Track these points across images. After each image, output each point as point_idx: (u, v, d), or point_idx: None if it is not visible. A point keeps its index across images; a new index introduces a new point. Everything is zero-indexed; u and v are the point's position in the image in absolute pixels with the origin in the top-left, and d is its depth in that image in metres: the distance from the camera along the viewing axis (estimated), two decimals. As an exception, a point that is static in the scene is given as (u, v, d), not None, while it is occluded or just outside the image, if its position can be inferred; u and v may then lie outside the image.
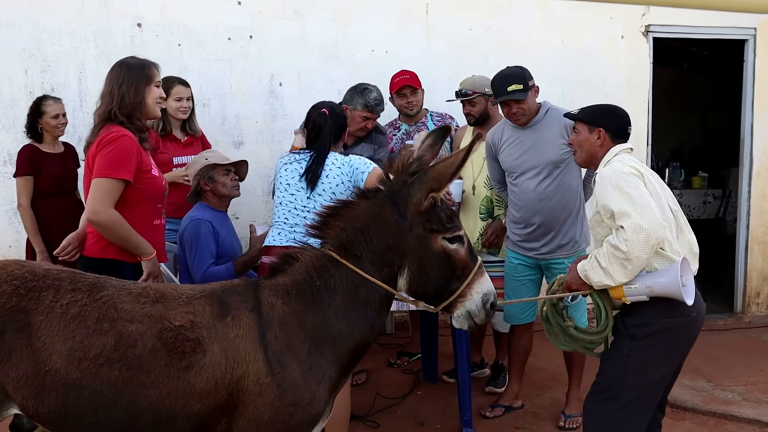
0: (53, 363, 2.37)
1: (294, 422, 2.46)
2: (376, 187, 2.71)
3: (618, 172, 2.94)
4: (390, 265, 2.61)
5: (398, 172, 2.68)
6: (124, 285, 2.60)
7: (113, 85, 3.32)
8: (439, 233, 2.60)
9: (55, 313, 2.42)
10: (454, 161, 2.58)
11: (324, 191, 3.47)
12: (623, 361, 3.04)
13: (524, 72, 4.11)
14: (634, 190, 2.87)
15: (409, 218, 2.59)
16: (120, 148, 3.21)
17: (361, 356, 2.72)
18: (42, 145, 4.82)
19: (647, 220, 2.80)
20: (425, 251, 2.60)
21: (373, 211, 2.62)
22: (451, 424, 4.32)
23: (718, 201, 8.64)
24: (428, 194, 2.59)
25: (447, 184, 2.62)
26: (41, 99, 4.80)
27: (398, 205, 2.60)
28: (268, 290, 2.57)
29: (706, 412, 4.54)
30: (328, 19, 5.59)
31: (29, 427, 2.87)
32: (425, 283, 2.63)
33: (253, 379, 2.41)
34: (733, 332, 6.24)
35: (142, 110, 3.37)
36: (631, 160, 3.05)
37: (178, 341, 2.41)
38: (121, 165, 3.20)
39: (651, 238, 2.80)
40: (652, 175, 3.04)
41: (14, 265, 2.59)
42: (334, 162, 3.52)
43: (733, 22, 6.22)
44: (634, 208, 2.83)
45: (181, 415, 2.40)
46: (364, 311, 2.60)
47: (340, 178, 3.48)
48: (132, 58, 3.46)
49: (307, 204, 3.45)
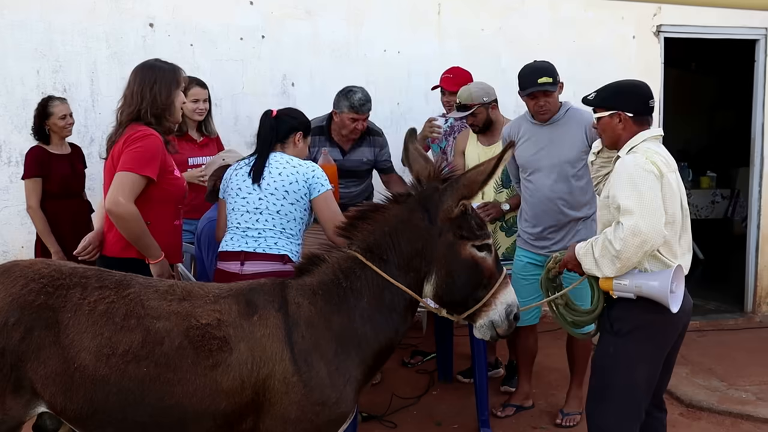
0: (81, 360, 2.39)
1: (320, 421, 2.47)
2: (407, 191, 2.71)
3: (638, 166, 2.88)
4: (417, 270, 2.61)
5: (429, 178, 2.68)
6: (150, 282, 2.63)
7: (144, 86, 3.31)
8: (468, 240, 2.61)
9: (83, 311, 2.44)
10: (486, 169, 2.60)
11: (276, 190, 3.31)
12: (610, 359, 3.04)
13: (553, 67, 4.12)
14: (647, 191, 2.83)
15: (439, 224, 2.60)
16: (147, 147, 3.21)
17: (385, 359, 2.74)
18: (49, 147, 4.81)
19: (648, 225, 2.77)
20: (454, 258, 2.60)
21: (403, 216, 2.62)
22: (468, 424, 4.32)
23: (726, 201, 8.66)
24: (459, 201, 2.59)
25: (478, 191, 2.63)
26: (47, 100, 4.78)
27: (429, 211, 2.60)
28: (294, 290, 2.58)
29: (722, 412, 4.53)
30: (341, 19, 5.60)
31: (52, 428, 2.88)
32: (452, 290, 2.63)
33: (280, 378, 2.43)
34: (745, 332, 6.24)
35: (171, 112, 3.38)
36: (655, 153, 2.95)
37: (205, 339, 2.43)
38: (148, 163, 3.20)
39: (646, 244, 2.78)
40: (673, 171, 2.98)
41: (41, 263, 2.62)
42: (290, 161, 3.37)
43: (744, 21, 6.23)
44: (640, 209, 2.80)
45: (208, 412, 2.42)
46: (389, 315, 2.61)
47: (295, 177, 3.31)
48: (159, 61, 3.45)
49: (260, 205, 3.31)
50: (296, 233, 3.35)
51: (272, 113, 3.51)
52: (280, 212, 3.29)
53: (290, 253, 3.29)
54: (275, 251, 3.26)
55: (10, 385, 2.41)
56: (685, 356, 5.52)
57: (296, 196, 3.29)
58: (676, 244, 2.97)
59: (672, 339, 3.05)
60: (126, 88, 3.37)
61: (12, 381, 2.41)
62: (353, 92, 4.51)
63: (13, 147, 5.19)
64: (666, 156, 2.99)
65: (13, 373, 2.40)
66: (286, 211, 3.29)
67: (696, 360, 5.45)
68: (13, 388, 2.42)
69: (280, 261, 3.25)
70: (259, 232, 3.27)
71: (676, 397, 4.75)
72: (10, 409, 2.44)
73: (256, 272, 3.18)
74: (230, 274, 3.25)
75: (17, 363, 2.39)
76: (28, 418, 2.53)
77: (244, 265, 3.26)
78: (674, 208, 2.92)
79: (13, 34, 5.11)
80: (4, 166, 5.19)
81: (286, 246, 3.28)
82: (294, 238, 3.33)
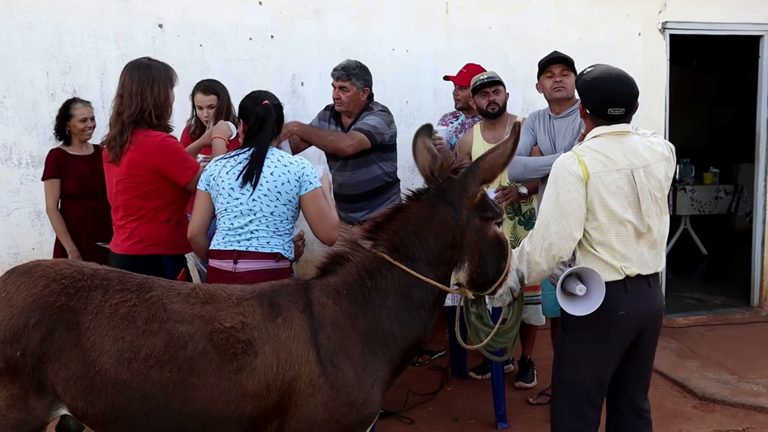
0: (103, 363, 2.37)
1: (348, 422, 2.46)
2: (425, 186, 2.72)
3: (563, 165, 2.81)
4: (447, 262, 2.63)
5: (441, 170, 2.68)
6: (173, 285, 2.61)
7: (143, 86, 3.34)
8: (492, 219, 2.66)
9: (104, 313, 2.43)
10: (504, 151, 2.61)
11: (269, 191, 3.17)
12: (560, 354, 3.04)
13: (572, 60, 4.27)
14: (562, 192, 2.77)
15: (465, 213, 2.61)
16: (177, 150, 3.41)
17: (413, 357, 2.74)
18: (69, 148, 4.82)
19: (556, 229, 2.74)
20: (483, 240, 2.64)
21: (426, 213, 2.63)
22: (485, 418, 4.36)
23: (729, 196, 8.69)
24: (481, 185, 2.62)
25: (499, 174, 2.65)
26: (71, 102, 4.79)
27: (452, 203, 2.61)
28: (318, 290, 2.56)
29: (735, 404, 4.57)
30: (349, 18, 5.60)
31: (75, 429, 2.88)
32: (485, 271, 2.67)
33: (306, 380, 2.41)
34: (752, 326, 6.27)
35: (169, 112, 3.45)
36: (594, 152, 2.80)
37: (229, 343, 2.41)
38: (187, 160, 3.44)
39: (553, 248, 2.76)
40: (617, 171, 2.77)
41: (62, 264, 2.60)
42: (280, 159, 3.21)
43: (749, 18, 6.25)
44: (552, 211, 2.77)
45: (233, 417, 2.40)
46: (417, 313, 2.61)
47: (287, 176, 3.18)
48: (151, 60, 3.49)
49: (253, 207, 3.18)
50: (288, 231, 3.29)
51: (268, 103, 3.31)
52: (273, 213, 3.20)
53: (282, 251, 3.23)
54: (268, 250, 3.21)
55: (33, 386, 2.41)
56: (694, 350, 5.58)
57: (289, 196, 3.20)
58: (625, 246, 2.82)
59: (621, 341, 2.89)
60: (121, 88, 3.39)
61: (34, 382, 2.41)
62: (341, 62, 4.60)
63: (23, 149, 5.19)
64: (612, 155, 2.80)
65: (35, 374, 2.40)
66: (279, 212, 3.20)
67: (705, 354, 5.49)
68: (36, 388, 2.42)
69: (272, 259, 3.21)
70: (252, 232, 3.20)
71: (689, 390, 4.79)
72: (33, 410, 2.45)
73: (249, 270, 3.17)
74: (224, 273, 3.21)
75: (39, 364, 2.39)
76: (51, 419, 2.53)
77: (237, 264, 3.21)
78: (612, 210, 2.78)
79: (22, 35, 5.11)
80: (15, 168, 5.19)
81: (278, 244, 3.22)
82: (286, 235, 3.27)
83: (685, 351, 5.59)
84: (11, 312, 2.42)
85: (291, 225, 3.30)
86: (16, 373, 2.41)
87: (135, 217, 3.43)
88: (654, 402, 4.19)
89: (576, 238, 2.79)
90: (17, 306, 2.43)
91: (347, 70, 4.56)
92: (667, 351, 5.54)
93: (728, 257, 8.78)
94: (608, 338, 2.87)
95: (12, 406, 2.43)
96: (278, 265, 3.21)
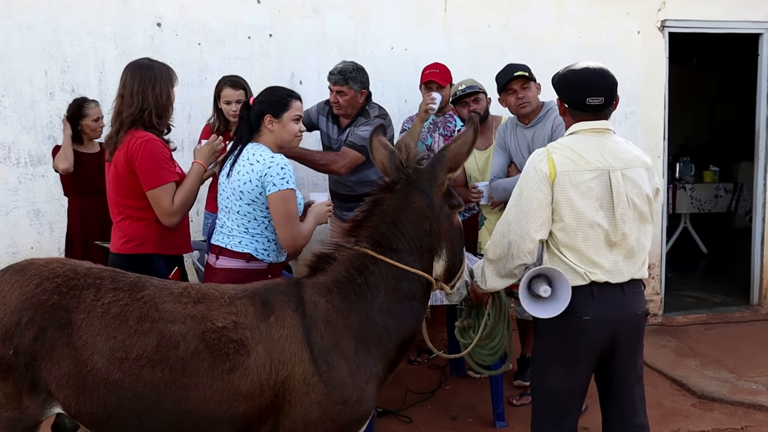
0: (94, 363, 2.38)
1: (343, 421, 2.46)
2: (395, 177, 2.71)
3: (532, 162, 2.73)
4: (429, 249, 2.66)
5: (408, 160, 2.71)
6: (165, 285, 2.61)
7: (145, 86, 3.35)
8: (457, 208, 2.74)
9: (96, 312, 2.43)
10: (466, 140, 2.68)
11: (234, 190, 3.18)
12: (532, 362, 3.03)
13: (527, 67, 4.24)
14: (526, 190, 2.70)
15: (436, 200, 2.66)
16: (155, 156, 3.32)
17: (407, 350, 2.74)
18: (79, 146, 4.95)
19: (516, 228, 2.70)
20: (452, 228, 2.72)
21: (401, 202, 2.65)
22: (483, 417, 4.35)
23: (729, 195, 8.68)
24: (447, 174, 2.68)
25: (463, 162, 2.71)
26: (83, 101, 4.91)
27: (424, 190, 2.65)
28: (310, 289, 2.56)
29: (734, 402, 4.56)
30: (348, 16, 5.59)
31: (71, 427, 2.89)
32: (455, 260, 2.74)
33: (300, 379, 2.41)
34: (751, 324, 6.26)
35: (170, 112, 3.45)
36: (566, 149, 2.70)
37: (222, 343, 2.41)
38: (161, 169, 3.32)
39: (512, 246, 2.71)
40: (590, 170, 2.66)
41: (56, 262, 2.61)
42: (250, 158, 3.16)
43: (748, 16, 6.23)
44: (514, 209, 2.73)
45: (226, 417, 2.40)
46: (409, 304, 2.63)
47: (249, 176, 3.13)
48: (152, 60, 3.50)
49: (228, 203, 3.24)
50: (261, 232, 3.23)
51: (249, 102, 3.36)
52: (240, 212, 3.20)
53: (254, 252, 3.22)
54: (239, 249, 3.21)
55: (26, 385, 2.42)
56: (694, 348, 5.57)
57: (251, 197, 3.15)
58: (596, 252, 2.69)
59: (588, 347, 2.74)
60: (122, 88, 3.39)
61: (28, 380, 2.42)
62: (338, 65, 4.58)
63: (22, 148, 5.20)
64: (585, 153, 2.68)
65: (28, 372, 2.40)
66: (245, 212, 3.20)
67: (704, 352, 5.49)
68: (29, 387, 2.43)
69: (243, 259, 3.21)
70: (230, 230, 3.24)
71: (687, 388, 4.80)
72: (26, 408, 2.45)
73: (225, 267, 3.22)
74: (209, 267, 3.30)
75: (31, 362, 2.40)
76: (45, 417, 2.53)
77: (218, 259, 3.25)
78: (581, 212, 2.66)
79: (20, 35, 5.12)
80: (13, 167, 5.20)
81: (250, 245, 3.21)
82: (260, 236, 3.23)
83: (684, 349, 5.58)
84: (4, 310, 2.43)
85: (263, 226, 3.24)
86: (8, 371, 2.41)
87: (125, 215, 3.44)
88: (653, 400, 4.21)
89: (534, 239, 2.70)
90: (10, 304, 2.43)
91: (344, 74, 4.54)
92: (666, 349, 5.55)
93: (728, 256, 8.76)
94: (575, 344, 2.74)
95: (5, 405, 2.44)
96: (249, 265, 3.21)
